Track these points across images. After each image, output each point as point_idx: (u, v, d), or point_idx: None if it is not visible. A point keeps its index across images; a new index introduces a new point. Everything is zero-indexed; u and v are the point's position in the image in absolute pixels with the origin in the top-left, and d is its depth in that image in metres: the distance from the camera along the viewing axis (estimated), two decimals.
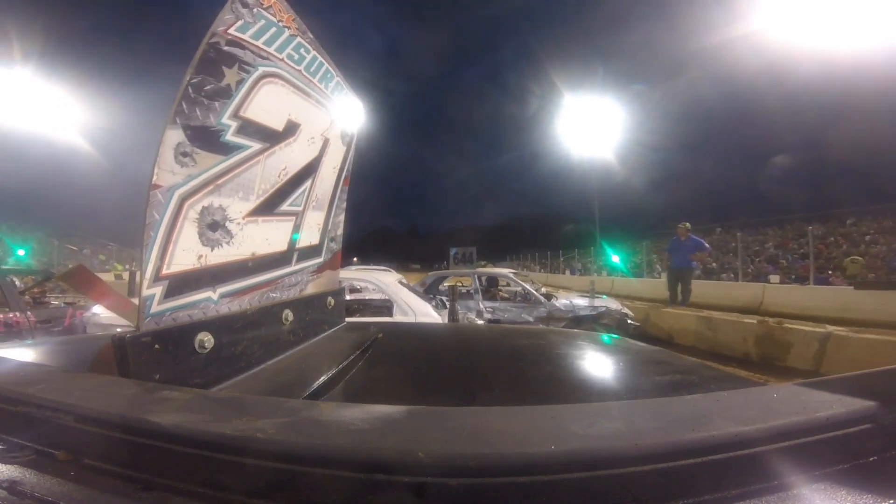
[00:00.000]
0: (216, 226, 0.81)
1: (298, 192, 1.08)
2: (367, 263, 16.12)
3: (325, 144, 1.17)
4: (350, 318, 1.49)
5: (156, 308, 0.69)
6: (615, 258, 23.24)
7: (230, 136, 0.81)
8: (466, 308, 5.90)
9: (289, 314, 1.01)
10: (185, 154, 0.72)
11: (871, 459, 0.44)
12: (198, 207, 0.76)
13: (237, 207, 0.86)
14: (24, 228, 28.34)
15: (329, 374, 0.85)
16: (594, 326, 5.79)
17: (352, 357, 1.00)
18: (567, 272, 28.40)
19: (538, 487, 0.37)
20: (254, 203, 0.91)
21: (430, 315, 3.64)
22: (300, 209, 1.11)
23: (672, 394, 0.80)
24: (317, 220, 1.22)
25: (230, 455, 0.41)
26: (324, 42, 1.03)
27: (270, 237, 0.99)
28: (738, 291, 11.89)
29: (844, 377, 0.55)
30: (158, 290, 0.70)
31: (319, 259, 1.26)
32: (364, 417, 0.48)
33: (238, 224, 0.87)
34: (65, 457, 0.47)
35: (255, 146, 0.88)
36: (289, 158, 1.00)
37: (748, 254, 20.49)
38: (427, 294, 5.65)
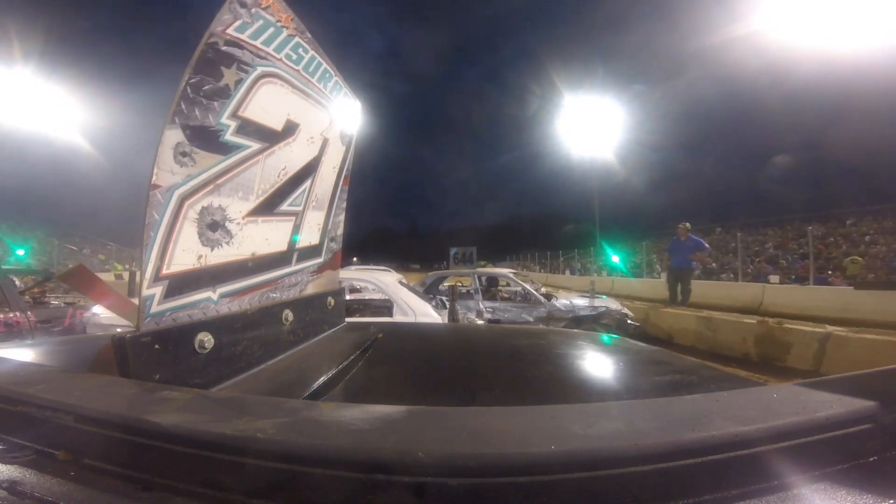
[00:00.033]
0: (216, 226, 0.81)
1: (298, 192, 1.08)
2: (367, 263, 16.12)
3: (325, 144, 1.17)
4: (350, 318, 1.49)
5: (156, 308, 0.69)
6: (615, 258, 23.25)
7: (229, 136, 0.81)
8: (466, 308, 5.90)
9: (289, 314, 1.01)
10: (185, 154, 0.72)
11: (871, 459, 0.44)
12: (197, 207, 0.76)
13: (237, 207, 0.86)
14: (24, 228, 28.37)
15: (329, 375, 0.84)
16: (594, 326, 5.79)
17: (352, 357, 1.00)
18: (567, 272, 28.38)
19: (538, 487, 0.37)
20: (253, 203, 0.91)
21: (430, 315, 3.64)
22: (300, 209, 1.11)
23: (672, 394, 0.80)
24: (317, 220, 1.22)
25: (230, 455, 0.41)
26: (322, 42, 1.03)
27: (270, 237, 0.99)
28: (738, 291, 11.89)
29: (844, 377, 0.55)
30: (158, 290, 0.70)
31: (319, 259, 1.26)
32: (364, 417, 0.48)
33: (238, 224, 0.86)
34: (65, 457, 0.47)
35: (255, 146, 0.88)
36: (288, 158, 1.00)
37: (748, 254, 20.49)
38: (427, 294, 5.65)
